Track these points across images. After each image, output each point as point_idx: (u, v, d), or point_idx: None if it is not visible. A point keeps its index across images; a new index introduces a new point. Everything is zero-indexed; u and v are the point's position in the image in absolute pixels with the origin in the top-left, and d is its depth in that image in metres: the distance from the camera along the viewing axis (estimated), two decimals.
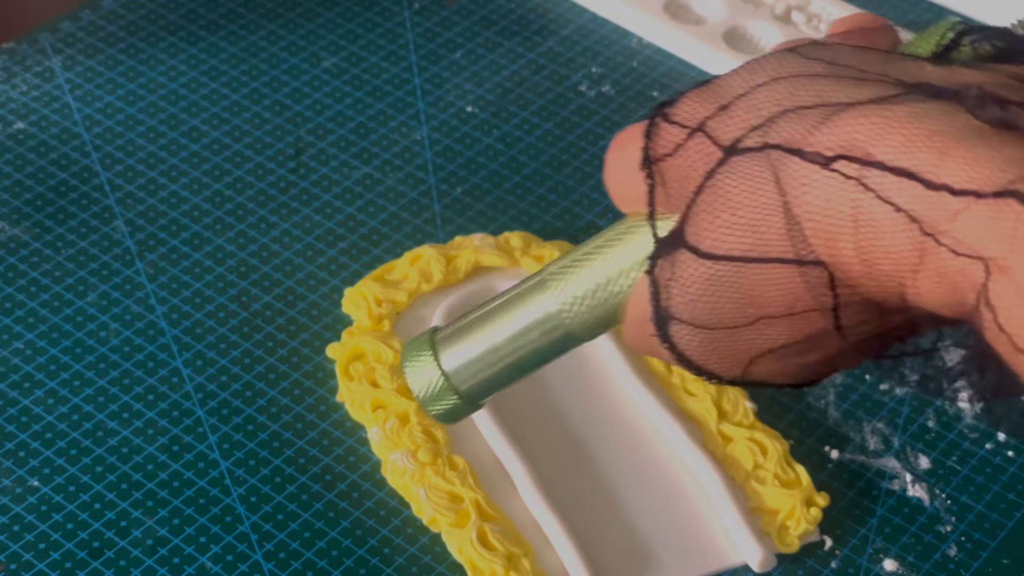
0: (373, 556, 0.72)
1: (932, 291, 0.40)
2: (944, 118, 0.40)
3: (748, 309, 0.43)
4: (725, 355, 0.45)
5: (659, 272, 0.45)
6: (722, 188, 0.43)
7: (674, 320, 0.45)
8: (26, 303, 0.82)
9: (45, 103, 0.93)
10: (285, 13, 1.00)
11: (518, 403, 0.78)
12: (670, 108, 0.45)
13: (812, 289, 0.42)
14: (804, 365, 0.46)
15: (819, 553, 0.73)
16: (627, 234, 0.48)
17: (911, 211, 0.39)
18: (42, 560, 0.71)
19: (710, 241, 0.43)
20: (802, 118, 0.42)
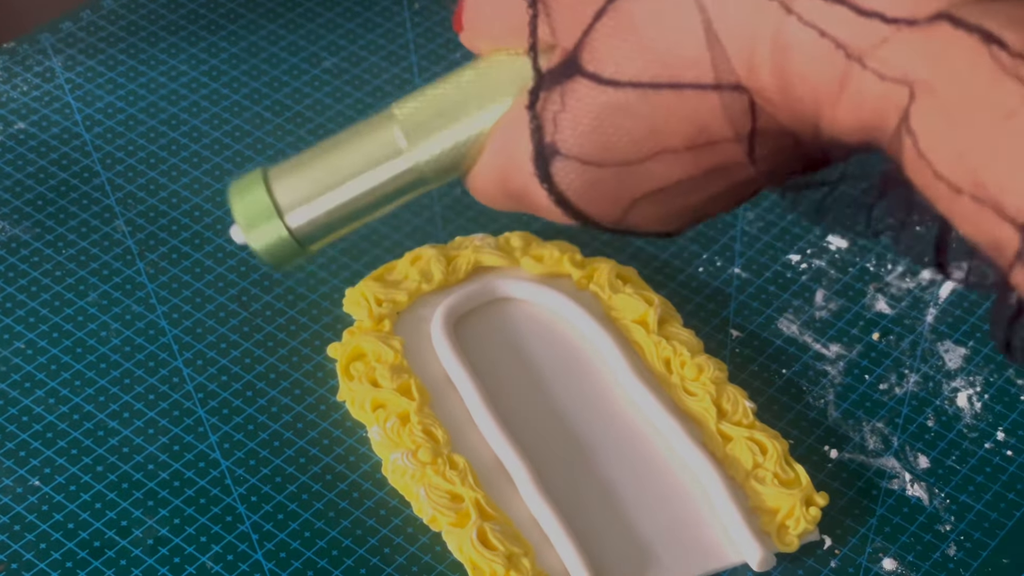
0: (373, 556, 0.72)
1: (851, 117, 0.38)
2: None
3: (648, 141, 0.41)
4: (609, 195, 0.43)
5: (544, 105, 0.42)
6: (629, 9, 0.40)
7: (559, 156, 0.42)
8: (26, 303, 0.82)
9: (46, 103, 0.93)
10: (285, 13, 1.00)
11: (518, 403, 0.78)
12: None
13: (730, 115, 0.40)
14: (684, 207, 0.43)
15: (818, 552, 0.73)
16: (487, 70, 0.45)
17: (837, 36, 0.38)
18: (43, 559, 0.71)
19: (613, 67, 0.41)
20: None
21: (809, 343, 0.82)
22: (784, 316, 0.83)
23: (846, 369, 0.81)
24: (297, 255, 0.47)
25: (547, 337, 0.81)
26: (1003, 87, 0.35)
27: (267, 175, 0.46)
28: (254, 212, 0.46)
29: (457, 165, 0.45)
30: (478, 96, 0.44)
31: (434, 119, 0.45)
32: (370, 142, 0.45)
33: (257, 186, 0.46)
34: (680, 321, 0.81)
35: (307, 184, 0.46)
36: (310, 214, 0.46)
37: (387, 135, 0.45)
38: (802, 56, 0.38)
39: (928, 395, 0.80)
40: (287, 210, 0.46)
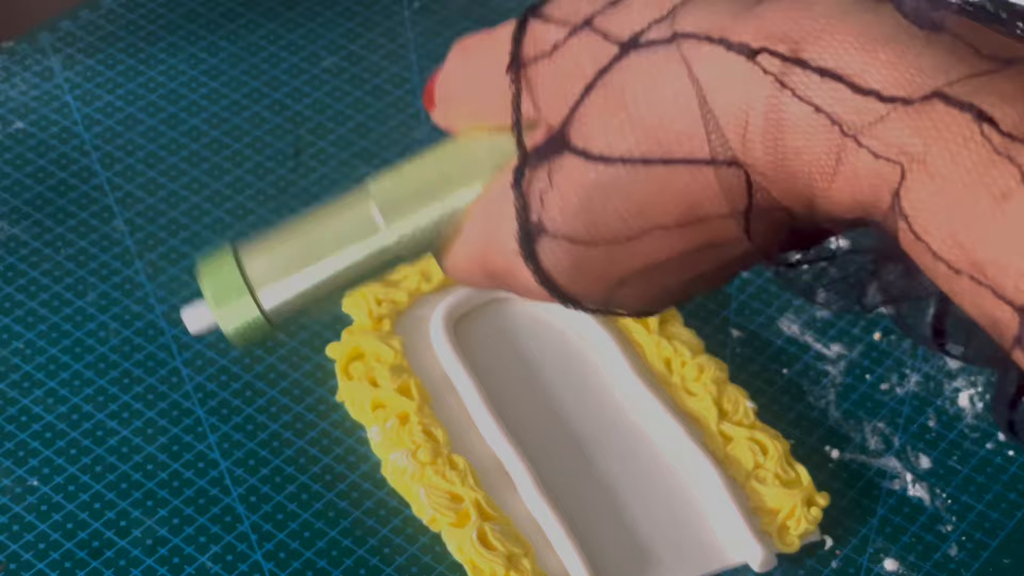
0: (373, 556, 0.72)
1: (847, 194, 0.38)
2: (873, 17, 0.38)
3: (638, 219, 0.40)
4: (596, 274, 0.42)
5: (530, 183, 0.41)
6: (619, 84, 0.40)
7: (546, 235, 0.41)
8: (25, 303, 0.82)
9: (44, 102, 0.92)
10: (285, 12, 1.00)
11: (518, 403, 0.78)
12: (543, 8, 0.42)
13: (725, 191, 0.39)
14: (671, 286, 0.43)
15: (819, 553, 0.73)
16: (464, 147, 0.43)
17: (832, 113, 0.37)
18: (42, 560, 0.71)
19: (603, 143, 0.40)
20: (715, 8, 0.39)
21: (810, 343, 0.82)
22: (785, 316, 0.83)
23: (847, 369, 0.81)
24: (265, 336, 0.45)
25: (547, 337, 0.81)
26: (996, 168, 0.35)
27: (238, 253, 0.44)
28: (225, 291, 0.44)
29: (434, 243, 0.44)
30: (457, 173, 0.43)
31: (412, 197, 0.43)
32: (346, 220, 0.44)
33: (228, 264, 0.44)
34: (681, 320, 0.81)
35: (281, 262, 0.44)
36: (284, 294, 0.44)
37: (363, 213, 0.44)
38: (796, 131, 0.38)
39: (929, 395, 0.80)
40: (260, 289, 0.44)
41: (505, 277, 0.43)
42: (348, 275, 0.44)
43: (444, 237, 0.44)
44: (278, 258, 0.44)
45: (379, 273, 0.44)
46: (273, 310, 0.44)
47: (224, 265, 0.44)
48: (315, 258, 0.43)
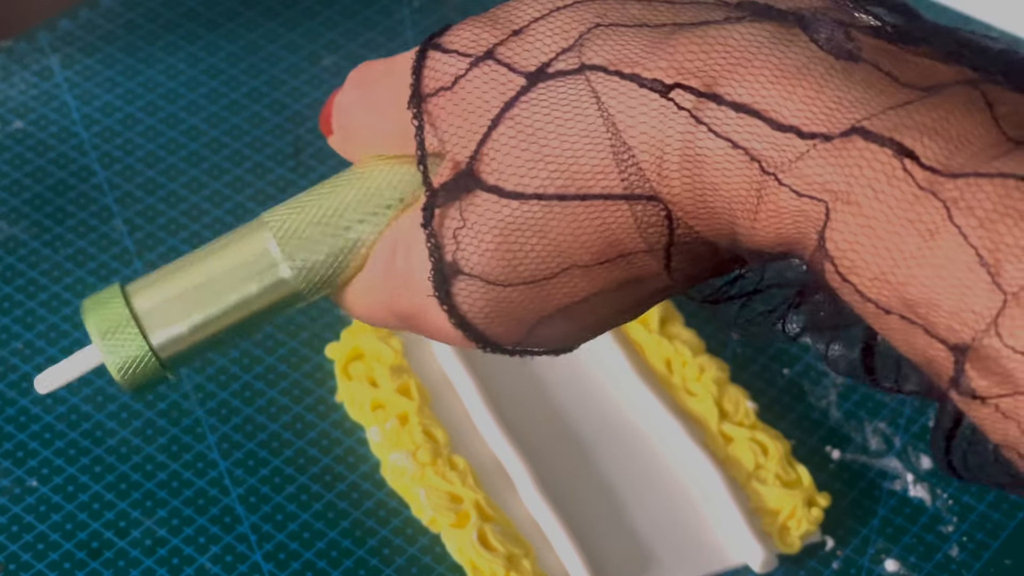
0: (373, 557, 0.72)
1: (770, 231, 0.37)
2: (788, 49, 0.37)
3: (556, 257, 0.39)
4: (515, 315, 0.40)
5: (442, 222, 0.39)
6: (528, 118, 0.38)
7: (461, 276, 0.39)
8: (24, 302, 0.81)
9: (43, 101, 0.92)
10: (284, 11, 1.00)
11: (518, 403, 0.78)
12: (443, 37, 0.40)
13: (643, 227, 0.38)
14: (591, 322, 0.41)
15: (820, 554, 0.73)
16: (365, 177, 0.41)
17: (751, 149, 0.36)
18: (41, 560, 0.71)
19: (516, 180, 0.38)
20: (626, 39, 0.38)
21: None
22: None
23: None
24: (158, 378, 0.42)
25: None
26: (921, 204, 0.34)
27: (126, 289, 0.41)
28: (111, 326, 0.41)
29: (334, 279, 0.42)
30: (358, 205, 0.41)
31: (309, 227, 0.41)
32: (240, 252, 0.41)
33: (115, 300, 0.41)
34: (682, 321, 0.81)
35: (171, 298, 0.41)
36: (175, 331, 0.41)
37: (259, 244, 0.41)
38: (715, 168, 0.36)
39: None
40: (149, 327, 0.41)
41: (415, 319, 0.41)
42: (244, 312, 0.42)
43: (346, 273, 0.42)
44: (168, 293, 0.41)
45: (278, 312, 0.42)
46: (163, 348, 0.41)
47: (110, 301, 0.41)
48: (208, 293, 0.41)
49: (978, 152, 0.34)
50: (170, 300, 0.41)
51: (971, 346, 0.34)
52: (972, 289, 0.33)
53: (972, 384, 0.34)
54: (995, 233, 0.33)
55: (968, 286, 0.34)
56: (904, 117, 0.35)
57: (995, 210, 0.33)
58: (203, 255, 0.42)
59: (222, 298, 0.41)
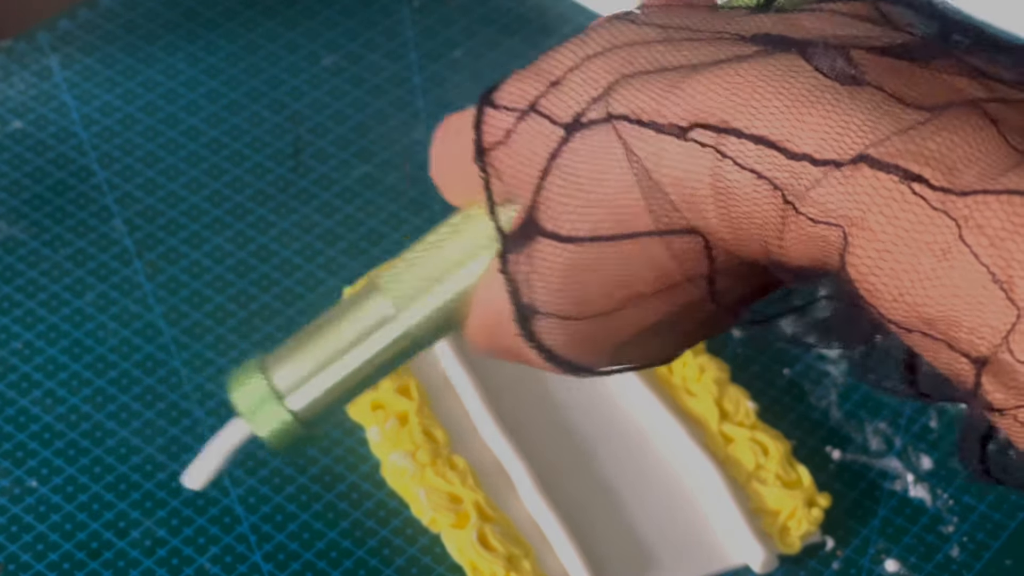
0: (372, 557, 0.72)
1: (799, 254, 0.39)
2: (793, 78, 0.38)
3: (618, 291, 0.41)
4: (595, 344, 0.43)
5: (515, 267, 0.42)
6: (571, 167, 0.41)
7: (539, 315, 0.42)
8: (24, 303, 0.81)
9: (43, 101, 0.92)
10: (284, 10, 1.00)
11: (518, 403, 0.77)
12: (495, 93, 0.43)
13: (684, 259, 0.40)
14: (669, 342, 0.44)
15: (821, 554, 0.73)
16: (462, 227, 0.45)
17: (774, 178, 0.38)
18: (40, 561, 0.71)
19: (569, 225, 0.41)
20: (646, 85, 0.40)
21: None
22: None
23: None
24: (303, 438, 0.46)
25: None
26: (933, 224, 0.35)
27: (263, 363, 0.46)
28: (255, 401, 0.45)
29: (450, 323, 0.45)
30: (457, 255, 0.45)
31: (417, 283, 0.45)
32: (359, 314, 0.45)
33: (255, 374, 0.46)
34: None
35: (304, 366, 0.45)
36: (311, 395, 0.45)
37: (374, 305, 0.45)
38: (744, 198, 0.38)
39: None
40: (288, 394, 0.45)
41: (517, 354, 0.44)
42: (371, 366, 0.45)
43: (458, 315, 0.45)
44: (301, 362, 0.45)
45: (402, 360, 0.46)
46: (303, 411, 0.45)
47: (251, 377, 0.46)
48: (336, 355, 0.45)
49: (986, 168, 0.36)
50: (304, 369, 0.45)
51: (988, 359, 0.35)
52: (987, 306, 0.35)
53: (989, 397, 0.35)
54: (1006, 251, 0.35)
55: (983, 303, 0.35)
56: (909, 142, 0.36)
57: (1004, 228, 0.35)
58: (326, 323, 0.46)
59: (351, 360, 0.45)
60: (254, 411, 0.45)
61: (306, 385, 0.45)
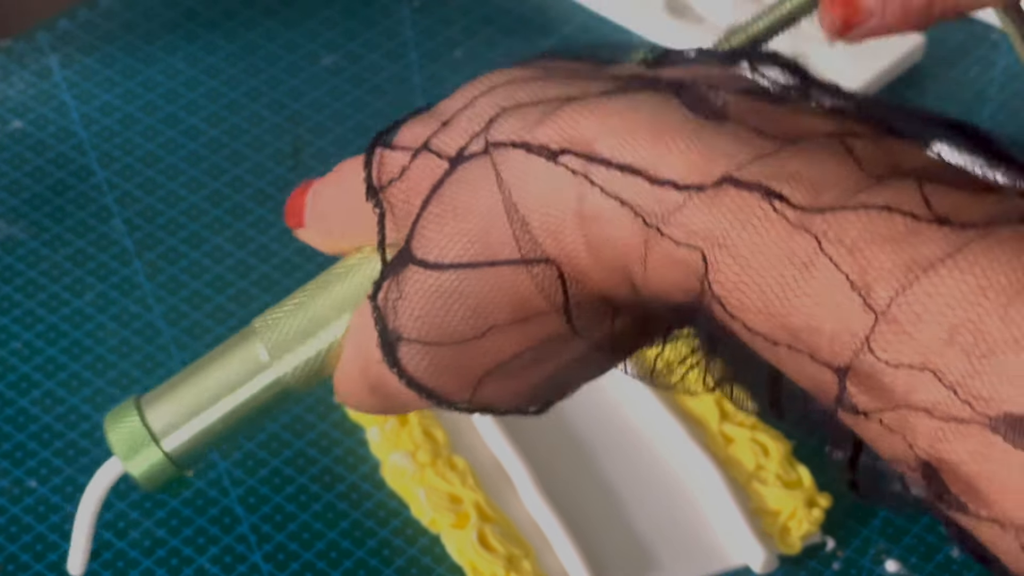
0: (372, 557, 0.72)
1: (661, 280, 0.40)
2: (661, 110, 0.40)
3: (477, 319, 0.43)
4: (455, 373, 0.44)
5: (385, 295, 0.44)
6: (448, 196, 0.43)
7: (403, 341, 0.44)
8: (23, 302, 0.81)
9: (42, 101, 0.92)
10: (284, 10, 1.00)
11: None
12: (389, 135, 0.46)
13: (541, 288, 0.42)
14: (534, 383, 0.45)
15: (821, 554, 0.73)
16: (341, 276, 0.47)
17: (636, 205, 0.39)
18: (39, 561, 0.70)
19: (437, 251, 0.43)
20: (523, 115, 0.42)
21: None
22: None
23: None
24: (175, 477, 0.47)
25: None
26: (794, 240, 0.37)
27: (139, 402, 0.47)
28: (130, 441, 0.47)
29: (320, 372, 0.46)
30: (335, 303, 0.46)
31: (293, 331, 0.46)
32: (234, 360, 0.47)
33: (131, 414, 0.47)
34: None
35: (178, 408, 0.47)
36: (185, 437, 0.47)
37: (250, 352, 0.46)
38: (606, 224, 0.40)
39: None
40: (162, 435, 0.47)
41: (382, 388, 0.46)
42: (243, 411, 0.47)
43: (329, 364, 0.46)
44: (175, 404, 0.47)
45: (277, 406, 0.47)
46: (176, 451, 0.47)
47: (128, 417, 0.47)
48: (210, 400, 0.46)
49: (843, 190, 0.38)
50: (178, 411, 0.47)
51: (851, 365, 0.36)
52: (847, 311, 0.36)
53: (854, 400, 0.37)
54: (863, 258, 0.37)
55: (844, 309, 0.37)
56: (770, 165, 0.39)
57: (861, 237, 0.37)
58: (203, 365, 0.47)
59: (223, 404, 0.47)
60: (129, 452, 0.47)
61: (180, 428, 0.47)
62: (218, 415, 0.47)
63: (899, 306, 0.36)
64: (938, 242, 0.36)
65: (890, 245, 0.36)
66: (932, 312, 0.36)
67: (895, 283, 0.36)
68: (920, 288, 0.36)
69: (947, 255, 0.36)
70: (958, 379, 0.35)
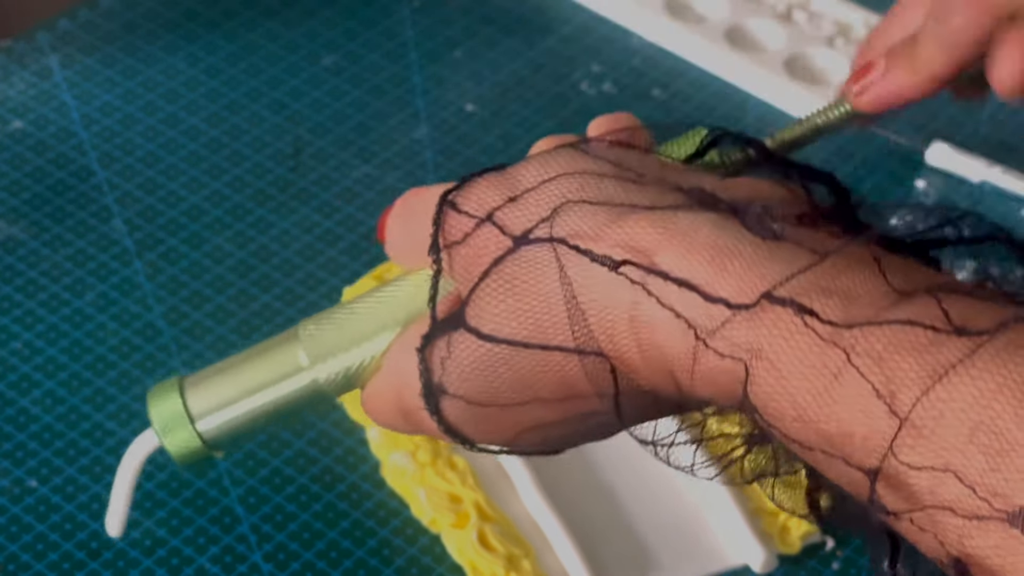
0: (372, 557, 0.72)
1: (708, 389, 0.43)
2: (720, 231, 0.43)
3: (523, 390, 0.45)
4: (495, 428, 0.47)
5: (433, 350, 0.46)
6: (509, 275, 0.45)
7: (447, 395, 0.46)
8: (24, 303, 0.81)
9: (43, 101, 0.92)
10: (284, 10, 1.00)
11: None
12: (459, 196, 0.47)
13: (591, 377, 0.44)
14: (567, 437, 0.48)
15: (821, 554, 0.73)
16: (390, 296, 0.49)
17: (688, 318, 0.42)
18: (40, 561, 0.71)
19: (492, 324, 0.45)
20: (589, 215, 0.44)
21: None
22: None
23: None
24: (205, 457, 0.51)
25: None
26: (825, 353, 0.40)
27: (182, 383, 0.50)
28: (169, 419, 0.50)
29: (353, 384, 0.49)
30: (378, 322, 0.49)
31: (334, 342, 0.49)
32: (275, 360, 0.50)
33: (173, 394, 0.50)
34: None
35: (217, 395, 0.50)
36: (219, 422, 0.50)
37: (291, 355, 0.49)
38: (659, 332, 0.43)
39: None
40: (199, 418, 0.49)
41: (415, 417, 0.48)
42: (276, 407, 0.50)
43: (363, 378, 0.49)
44: (215, 391, 0.50)
45: (308, 407, 0.50)
46: (209, 434, 0.50)
47: (169, 396, 0.50)
48: (247, 392, 0.49)
49: (869, 303, 0.41)
50: (217, 399, 0.50)
51: (880, 468, 0.39)
52: (875, 417, 0.39)
53: (883, 501, 0.39)
54: (888, 368, 0.39)
55: (871, 415, 0.39)
56: (803, 281, 0.41)
57: (886, 350, 0.39)
58: (247, 358, 0.50)
59: (259, 398, 0.49)
60: (167, 428, 0.50)
61: (217, 413, 0.49)
62: (252, 407, 0.49)
63: (920, 410, 0.38)
64: (955, 349, 0.39)
65: (912, 356, 0.39)
66: (951, 414, 0.38)
67: (917, 390, 0.38)
68: (939, 392, 0.38)
69: (962, 358, 0.38)
70: (976, 478, 0.37)
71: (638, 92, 0.95)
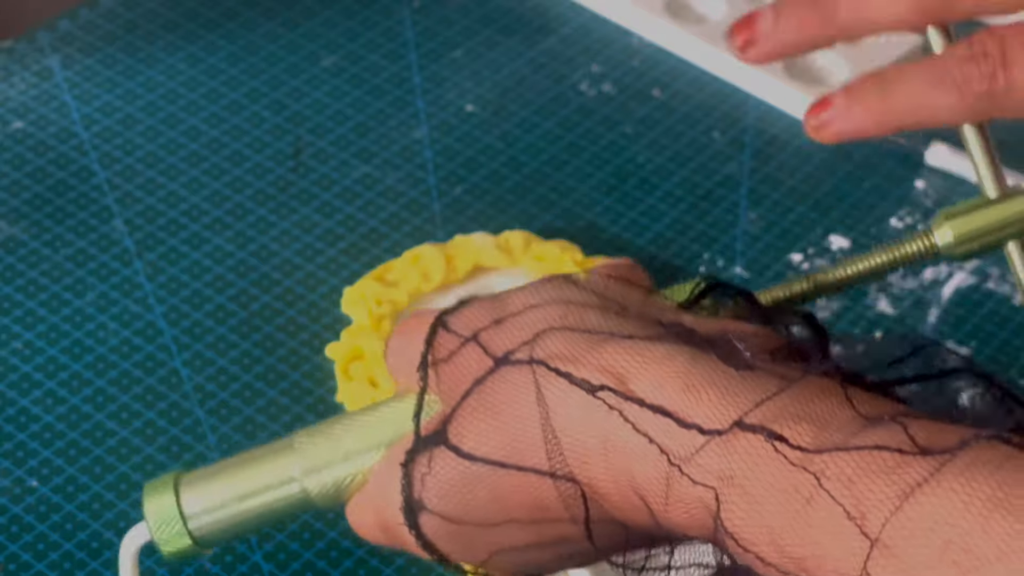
0: (372, 557, 0.72)
1: (681, 516, 0.43)
2: (695, 361, 0.44)
3: (498, 510, 0.47)
4: (470, 547, 0.48)
5: (415, 466, 0.47)
6: (489, 394, 0.46)
7: (425, 511, 0.48)
8: (24, 303, 0.81)
9: (43, 102, 0.92)
10: (284, 11, 1.00)
11: None
12: (451, 316, 0.49)
13: (564, 501, 0.45)
14: (544, 562, 0.49)
15: None
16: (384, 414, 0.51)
17: (662, 444, 0.43)
18: (40, 560, 0.71)
19: (471, 442, 0.46)
20: (570, 340, 0.46)
21: None
22: None
23: None
24: (195, 555, 0.52)
25: None
26: (795, 477, 0.41)
27: (178, 483, 0.52)
28: (163, 517, 0.52)
29: (343, 496, 0.51)
30: (369, 438, 0.51)
31: (326, 455, 0.51)
32: (269, 468, 0.52)
33: (168, 492, 0.52)
34: None
35: (211, 498, 0.52)
36: (210, 521, 0.52)
37: (285, 464, 0.51)
38: (632, 459, 0.43)
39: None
40: (191, 518, 0.52)
41: (393, 532, 0.49)
42: (268, 514, 0.52)
43: (351, 490, 0.51)
44: (211, 493, 0.52)
45: (297, 514, 0.52)
46: (200, 536, 0.52)
47: (165, 494, 0.52)
48: (242, 498, 0.52)
49: (838, 429, 0.41)
50: (209, 500, 0.52)
51: None
52: (847, 539, 0.39)
53: None
54: (857, 491, 0.40)
55: (843, 537, 0.40)
56: (773, 408, 0.42)
57: (856, 473, 0.40)
58: (241, 463, 0.52)
59: (251, 504, 0.52)
60: (160, 526, 0.52)
61: (208, 515, 0.52)
62: (244, 511, 0.52)
63: (891, 530, 0.39)
64: (921, 468, 0.40)
65: (881, 477, 0.40)
66: (920, 534, 0.38)
67: (886, 510, 0.39)
68: (907, 512, 0.39)
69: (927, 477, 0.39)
70: None
71: (638, 92, 0.96)
